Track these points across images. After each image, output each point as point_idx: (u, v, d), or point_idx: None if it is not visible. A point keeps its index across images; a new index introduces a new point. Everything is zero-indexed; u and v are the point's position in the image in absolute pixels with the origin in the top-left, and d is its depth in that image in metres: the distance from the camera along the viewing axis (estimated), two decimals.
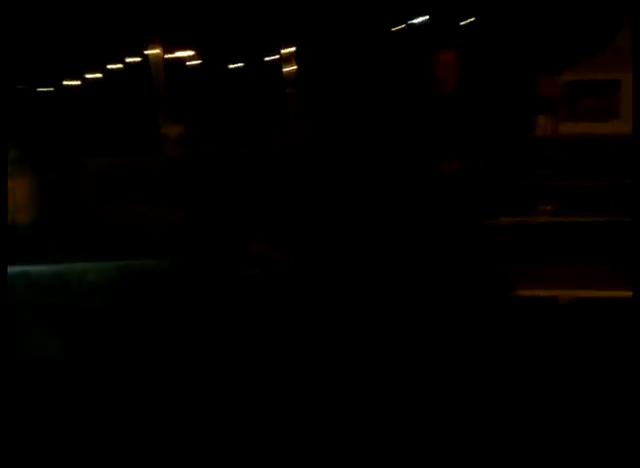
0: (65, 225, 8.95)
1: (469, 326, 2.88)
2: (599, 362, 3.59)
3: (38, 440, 3.74)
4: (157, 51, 27.95)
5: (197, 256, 6.43)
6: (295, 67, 31.07)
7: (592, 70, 30.13)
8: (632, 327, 4.22)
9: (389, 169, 3.03)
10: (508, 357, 3.30)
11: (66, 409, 3.78)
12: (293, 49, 30.75)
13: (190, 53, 40.28)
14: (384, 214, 6.51)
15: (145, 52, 29.86)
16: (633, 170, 3.07)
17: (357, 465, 2.81)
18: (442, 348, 2.97)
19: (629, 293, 4.34)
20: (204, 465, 3.34)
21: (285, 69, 31.03)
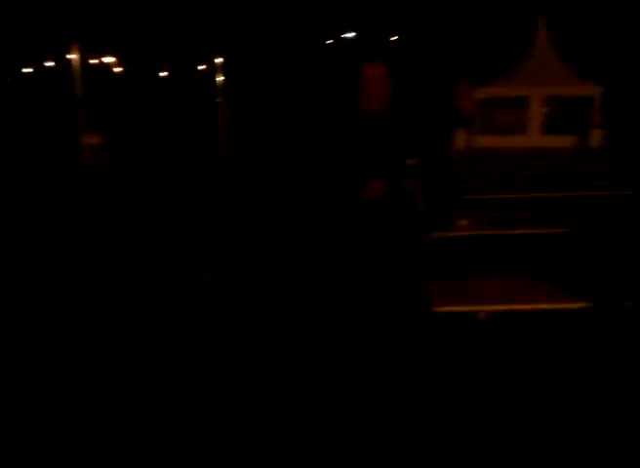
0: None
1: (386, 342, 2.90)
2: (518, 374, 3.75)
3: None
4: (76, 56, 27.13)
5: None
6: (223, 78, 30.86)
7: (504, 88, 31.14)
8: (551, 339, 4.44)
9: (315, 184, 2.96)
10: (427, 372, 3.38)
11: None
12: (221, 60, 30.50)
13: (112, 59, 38.92)
14: (305, 232, 6.49)
15: (66, 56, 28.83)
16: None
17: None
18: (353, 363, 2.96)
19: (548, 306, 4.57)
20: None
21: (217, 79, 30.72)
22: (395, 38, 46.47)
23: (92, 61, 36.61)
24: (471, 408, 3.38)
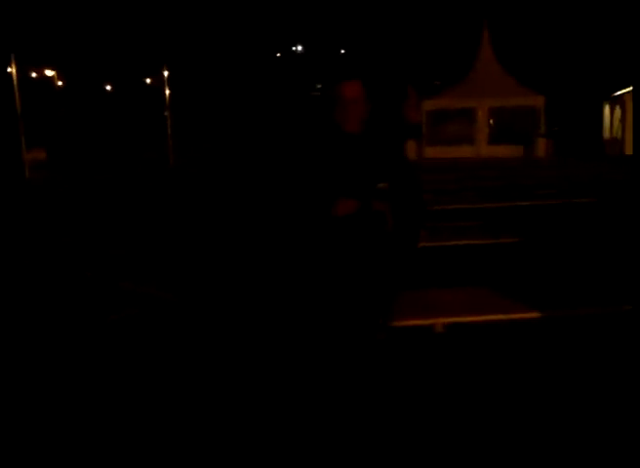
0: None
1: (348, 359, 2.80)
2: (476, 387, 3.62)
3: None
4: (13, 70, 26.35)
5: None
6: (169, 92, 30.43)
7: (450, 99, 31.70)
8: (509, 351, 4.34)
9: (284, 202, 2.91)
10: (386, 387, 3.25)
11: None
12: (166, 73, 30.11)
13: (52, 73, 38.05)
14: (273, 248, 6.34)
15: (6, 70, 28.02)
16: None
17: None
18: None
19: (505, 316, 4.48)
20: None
21: (167, 92, 30.23)
22: (343, 52, 47.17)
23: (33, 75, 35.69)
24: (428, 422, 3.22)
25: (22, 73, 30.51)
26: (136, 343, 4.55)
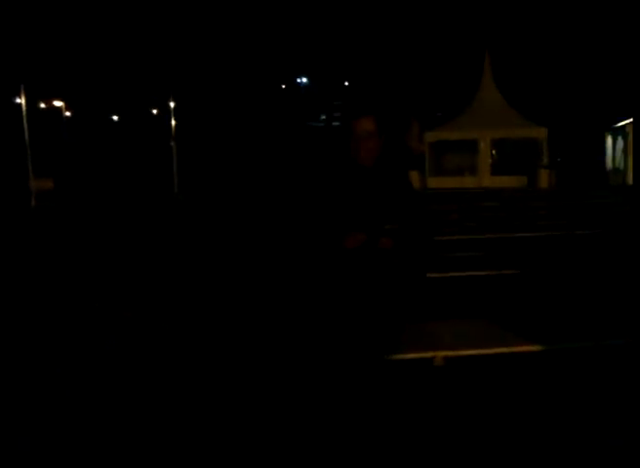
0: None
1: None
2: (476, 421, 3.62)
3: None
4: (23, 100, 26.77)
5: None
6: (174, 122, 30.81)
7: (453, 131, 31.93)
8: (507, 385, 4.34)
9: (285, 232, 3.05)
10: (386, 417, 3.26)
11: None
12: (172, 104, 30.51)
13: (60, 103, 38.52)
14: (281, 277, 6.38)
15: (15, 100, 28.44)
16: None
17: None
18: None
19: (506, 350, 4.49)
20: None
21: (172, 123, 30.56)
22: (347, 84, 47.75)
23: (42, 105, 36.18)
24: (427, 455, 3.23)
25: (32, 103, 30.96)
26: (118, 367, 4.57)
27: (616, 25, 31.64)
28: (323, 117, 45.82)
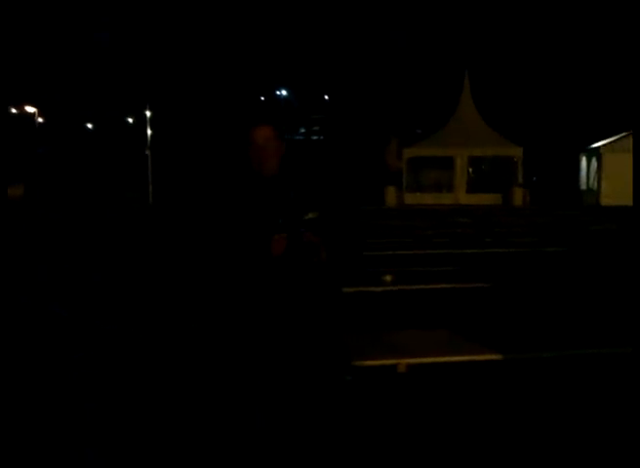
0: None
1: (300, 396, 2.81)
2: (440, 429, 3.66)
3: None
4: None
5: None
6: (150, 131, 30.62)
7: (430, 148, 32.15)
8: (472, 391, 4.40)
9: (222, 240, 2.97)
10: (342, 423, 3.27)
11: None
12: (148, 113, 30.35)
13: (33, 109, 38.14)
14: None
15: None
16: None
17: None
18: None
19: (467, 358, 4.56)
20: None
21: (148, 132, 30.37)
22: (327, 98, 48.03)
23: (13, 111, 35.81)
24: (393, 461, 3.26)
25: (2, 109, 30.58)
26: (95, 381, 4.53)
27: (595, 49, 32.35)
28: (302, 130, 45.98)
